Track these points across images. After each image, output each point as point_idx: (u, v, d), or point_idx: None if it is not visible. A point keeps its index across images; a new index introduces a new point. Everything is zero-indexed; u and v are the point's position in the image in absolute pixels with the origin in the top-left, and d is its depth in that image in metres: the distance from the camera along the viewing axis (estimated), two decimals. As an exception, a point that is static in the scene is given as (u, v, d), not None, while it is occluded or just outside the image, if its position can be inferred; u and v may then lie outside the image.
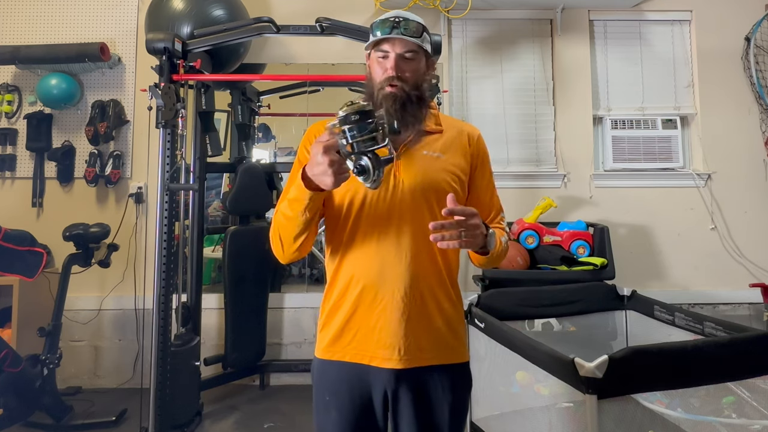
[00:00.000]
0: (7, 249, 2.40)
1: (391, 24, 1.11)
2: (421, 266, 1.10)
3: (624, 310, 2.20)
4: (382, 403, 1.11)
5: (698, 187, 3.18)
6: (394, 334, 1.08)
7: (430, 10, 3.03)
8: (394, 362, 1.08)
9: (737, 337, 1.48)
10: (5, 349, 2.26)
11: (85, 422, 2.47)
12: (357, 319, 1.11)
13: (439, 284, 1.13)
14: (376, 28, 1.13)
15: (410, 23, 1.12)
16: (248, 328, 2.86)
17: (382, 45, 1.12)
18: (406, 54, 1.12)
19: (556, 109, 3.23)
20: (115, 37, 3.13)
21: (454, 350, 1.15)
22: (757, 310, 3.06)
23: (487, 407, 1.98)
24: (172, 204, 2.28)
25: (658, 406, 1.88)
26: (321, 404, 1.16)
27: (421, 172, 1.11)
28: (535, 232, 2.75)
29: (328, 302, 1.16)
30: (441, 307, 1.13)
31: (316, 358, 1.18)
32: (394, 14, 1.14)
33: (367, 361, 1.10)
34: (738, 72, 3.23)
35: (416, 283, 1.09)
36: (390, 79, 1.10)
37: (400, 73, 1.11)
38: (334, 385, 1.13)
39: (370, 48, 1.15)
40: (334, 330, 1.13)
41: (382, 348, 1.08)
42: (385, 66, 1.12)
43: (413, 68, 1.13)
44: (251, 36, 2.49)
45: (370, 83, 1.16)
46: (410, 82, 1.12)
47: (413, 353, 1.09)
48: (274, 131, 3.46)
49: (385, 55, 1.12)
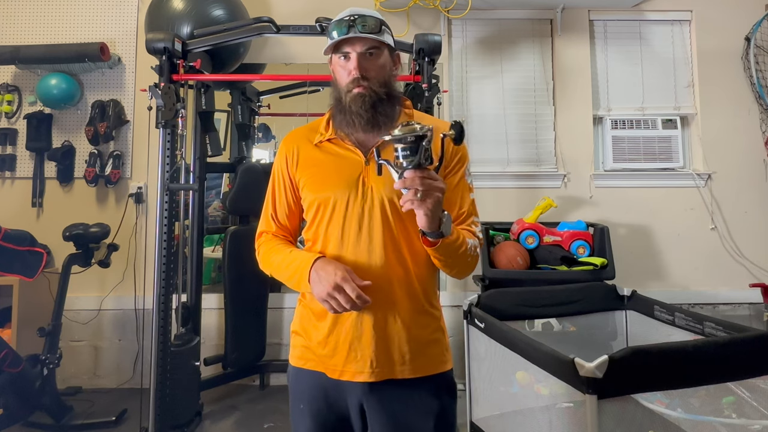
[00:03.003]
0: (7, 249, 2.40)
1: (347, 23, 1.06)
2: (394, 274, 1.07)
3: (624, 310, 2.20)
4: (358, 416, 1.09)
5: (698, 187, 3.18)
6: (363, 347, 1.06)
7: (430, 10, 3.02)
8: (365, 375, 1.06)
9: (737, 337, 1.48)
10: (5, 349, 2.26)
11: (85, 422, 2.48)
12: (334, 331, 1.09)
13: (412, 293, 1.10)
14: (332, 29, 1.08)
15: (367, 19, 1.07)
16: (248, 328, 2.86)
17: (341, 47, 1.09)
18: (368, 52, 1.08)
19: (556, 109, 3.23)
20: (115, 37, 3.13)
21: (431, 360, 1.11)
22: (757, 310, 3.06)
23: (487, 407, 1.98)
24: (172, 204, 2.28)
25: (658, 406, 1.88)
26: (296, 412, 1.15)
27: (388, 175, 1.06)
28: (535, 232, 2.75)
29: (305, 308, 1.16)
30: (417, 318, 1.10)
31: (290, 365, 1.17)
32: (348, 12, 1.09)
33: (337, 375, 1.08)
34: (738, 72, 3.23)
35: (388, 293, 1.07)
36: (355, 80, 1.07)
37: (365, 73, 1.07)
38: (308, 394, 1.13)
39: (329, 51, 1.12)
40: (310, 339, 1.13)
41: (352, 362, 1.06)
42: (348, 68, 1.09)
43: (377, 65, 1.10)
44: (251, 36, 2.49)
45: (337, 88, 1.12)
46: (377, 81, 1.09)
47: (385, 366, 1.07)
48: (274, 131, 3.46)
49: (346, 56, 1.09)
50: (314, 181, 1.13)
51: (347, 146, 1.13)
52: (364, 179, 1.09)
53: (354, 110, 1.08)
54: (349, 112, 1.09)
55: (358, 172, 1.10)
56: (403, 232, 1.08)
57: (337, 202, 1.09)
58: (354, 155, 1.12)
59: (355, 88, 1.08)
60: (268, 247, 1.19)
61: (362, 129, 1.10)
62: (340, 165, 1.12)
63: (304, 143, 1.17)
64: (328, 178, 1.11)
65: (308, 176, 1.14)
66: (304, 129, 1.22)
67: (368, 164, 1.10)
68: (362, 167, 1.10)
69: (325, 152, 1.15)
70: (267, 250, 1.18)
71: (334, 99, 1.14)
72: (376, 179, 1.07)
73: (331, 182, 1.11)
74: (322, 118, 1.20)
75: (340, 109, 1.11)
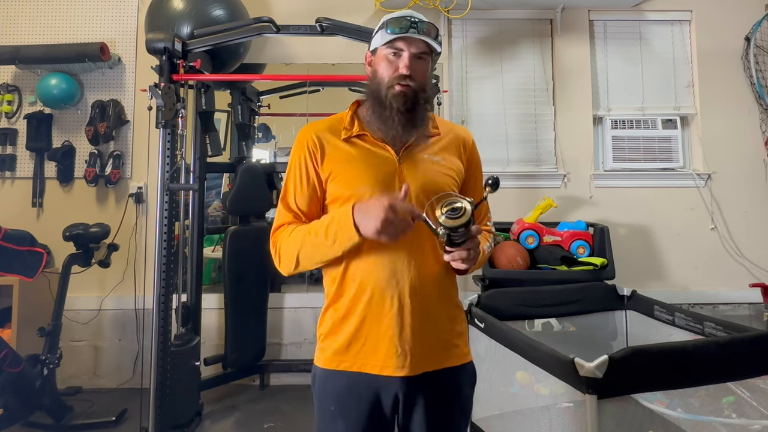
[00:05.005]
0: (7, 249, 2.40)
1: (408, 23, 1.09)
2: (429, 270, 1.09)
3: (624, 310, 2.20)
4: (391, 409, 1.09)
5: (698, 187, 3.18)
6: (404, 341, 1.06)
7: (430, 10, 3.03)
8: (406, 369, 1.06)
9: (737, 337, 1.48)
10: (5, 349, 2.26)
11: (85, 422, 2.48)
12: (366, 328, 1.08)
13: (444, 287, 1.13)
14: (390, 25, 1.09)
15: (426, 24, 1.10)
16: (248, 328, 2.86)
17: (396, 42, 1.10)
18: (420, 54, 1.10)
19: (556, 109, 3.23)
20: (115, 37, 3.13)
21: (460, 351, 1.15)
22: (757, 310, 3.06)
23: (487, 407, 1.98)
24: (172, 204, 2.28)
25: (658, 406, 1.88)
26: (326, 414, 1.12)
27: (424, 175, 1.11)
28: (535, 232, 2.75)
29: (334, 311, 1.12)
30: (447, 310, 1.13)
31: (317, 368, 1.14)
32: (408, 13, 1.11)
33: (377, 371, 1.07)
34: (738, 72, 3.23)
35: (424, 288, 1.08)
36: (402, 77, 1.08)
37: (413, 73, 1.09)
38: (339, 395, 1.10)
39: (381, 45, 1.12)
40: (341, 340, 1.10)
41: (393, 356, 1.06)
42: (396, 64, 1.10)
43: (423, 69, 1.12)
44: (251, 36, 2.49)
45: (376, 81, 1.12)
46: (419, 84, 1.10)
47: (423, 359, 1.08)
48: (274, 131, 3.46)
49: (397, 53, 1.10)
50: (346, 176, 1.11)
51: (378, 143, 1.13)
52: (399, 177, 1.10)
53: (395, 107, 1.08)
54: (390, 108, 1.09)
55: (392, 169, 1.11)
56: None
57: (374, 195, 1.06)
58: (387, 153, 1.12)
59: (399, 86, 1.08)
60: (286, 234, 1.11)
61: (401, 127, 1.10)
62: (374, 162, 1.11)
63: (329, 136, 1.15)
64: (362, 175, 1.10)
65: (339, 171, 1.11)
66: (325, 122, 1.19)
67: (401, 162, 1.11)
68: (396, 165, 1.11)
69: (357, 147, 1.13)
70: (286, 237, 1.11)
71: (371, 92, 1.13)
72: (412, 177, 1.09)
73: (366, 178, 1.09)
74: (343, 113, 1.19)
75: (378, 102, 1.11)
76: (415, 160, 1.12)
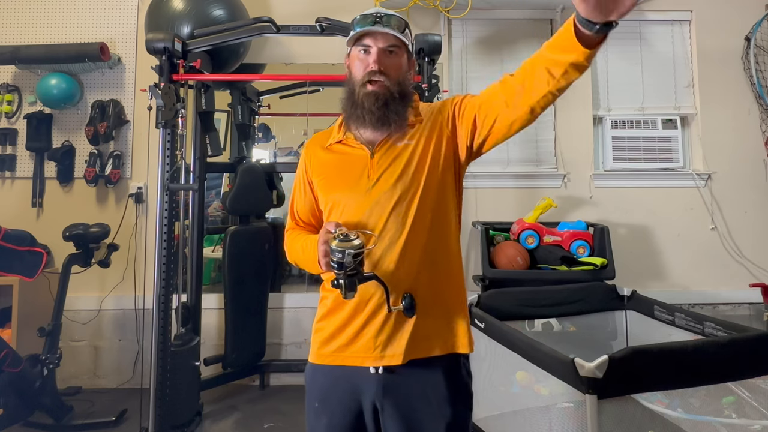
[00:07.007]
0: (7, 249, 2.40)
1: (373, 18, 1.09)
2: (410, 260, 1.07)
3: (624, 310, 2.20)
4: (371, 407, 1.08)
5: (698, 187, 3.18)
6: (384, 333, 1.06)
7: (430, 10, 3.02)
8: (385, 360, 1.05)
9: (737, 337, 1.48)
10: (5, 349, 2.26)
11: (85, 422, 2.47)
12: (349, 321, 1.09)
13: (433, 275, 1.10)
14: (357, 23, 1.11)
15: (392, 18, 1.11)
16: (248, 328, 2.86)
17: (363, 39, 1.11)
18: (389, 48, 1.10)
19: (556, 109, 3.23)
20: (115, 37, 3.13)
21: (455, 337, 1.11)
22: (757, 310, 3.06)
23: (487, 407, 1.98)
24: (172, 204, 2.28)
25: (658, 406, 1.88)
26: (311, 410, 1.16)
27: (391, 166, 1.10)
28: (535, 232, 2.75)
29: (323, 306, 1.17)
30: (436, 298, 1.10)
31: (308, 363, 1.19)
32: (374, 10, 1.12)
33: (359, 363, 1.07)
34: (738, 72, 3.23)
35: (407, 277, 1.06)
36: (371, 73, 1.09)
37: (383, 68, 1.09)
38: (322, 391, 1.13)
39: (350, 44, 1.14)
40: (326, 333, 1.13)
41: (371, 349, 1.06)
42: (366, 61, 1.10)
43: (396, 64, 1.12)
44: (251, 36, 2.49)
45: (351, 82, 1.13)
46: (393, 79, 1.10)
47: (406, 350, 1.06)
48: (274, 131, 3.46)
49: (366, 49, 1.11)
50: (325, 183, 1.16)
51: (355, 144, 1.15)
52: (369, 173, 1.10)
53: (366, 107, 1.08)
54: (361, 108, 1.10)
55: (363, 166, 1.12)
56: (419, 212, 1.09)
57: (347, 201, 1.11)
58: (360, 151, 1.14)
59: (369, 85, 1.09)
60: (290, 238, 1.23)
61: (372, 126, 1.11)
62: (346, 166, 1.14)
63: (318, 147, 1.21)
64: (335, 181, 1.14)
65: (320, 179, 1.17)
66: (323, 133, 1.25)
67: (373, 158, 1.11)
68: (367, 161, 1.12)
69: (334, 153, 1.18)
70: (289, 242, 1.23)
71: (347, 92, 1.14)
72: (379, 170, 1.10)
73: (338, 184, 1.14)
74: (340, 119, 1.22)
75: (351, 102, 1.12)
76: (390, 150, 1.12)
